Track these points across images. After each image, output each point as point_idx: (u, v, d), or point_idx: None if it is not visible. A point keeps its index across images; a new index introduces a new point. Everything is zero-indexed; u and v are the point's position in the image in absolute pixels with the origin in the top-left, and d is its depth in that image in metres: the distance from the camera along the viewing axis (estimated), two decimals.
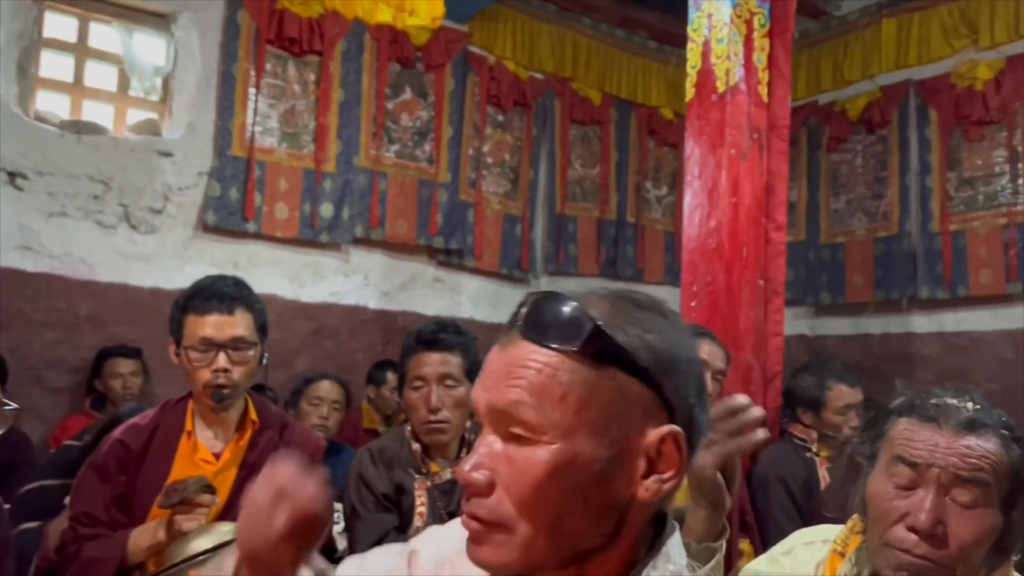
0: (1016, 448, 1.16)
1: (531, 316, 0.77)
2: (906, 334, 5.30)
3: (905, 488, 1.16)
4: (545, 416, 0.74)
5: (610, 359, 0.75)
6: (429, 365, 2.11)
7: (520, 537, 0.75)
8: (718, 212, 3.00)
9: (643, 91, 5.98)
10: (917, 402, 1.21)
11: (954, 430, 1.15)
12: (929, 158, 5.17)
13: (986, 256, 4.86)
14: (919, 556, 1.13)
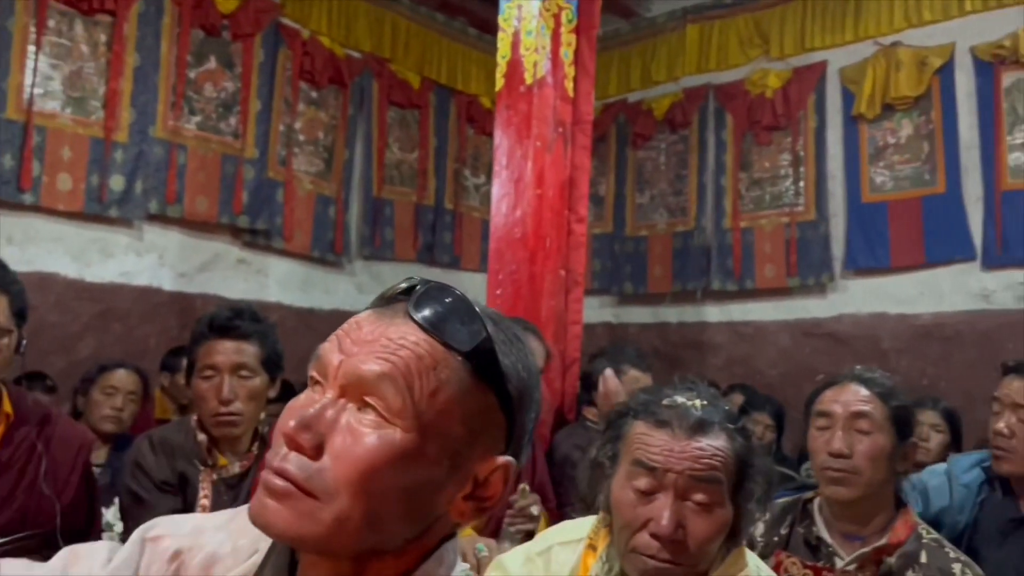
0: (739, 439, 1.24)
1: (426, 301, 0.73)
2: (700, 323, 5.67)
3: (646, 493, 1.21)
4: (410, 402, 0.70)
5: (487, 375, 0.73)
6: (222, 354, 1.98)
7: (332, 513, 0.68)
8: (524, 202, 3.05)
9: (463, 78, 5.99)
10: (651, 404, 1.27)
11: (686, 432, 1.21)
12: (724, 159, 5.54)
13: (771, 252, 5.28)
14: (663, 560, 1.19)
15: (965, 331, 4.59)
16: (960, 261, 4.62)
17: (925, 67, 4.75)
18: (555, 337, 3.06)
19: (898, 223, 4.79)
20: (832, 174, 5.11)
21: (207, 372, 1.98)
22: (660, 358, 5.82)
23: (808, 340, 5.18)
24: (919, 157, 4.78)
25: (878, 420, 1.60)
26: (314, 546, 0.70)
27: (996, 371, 4.41)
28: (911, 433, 1.64)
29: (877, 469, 1.57)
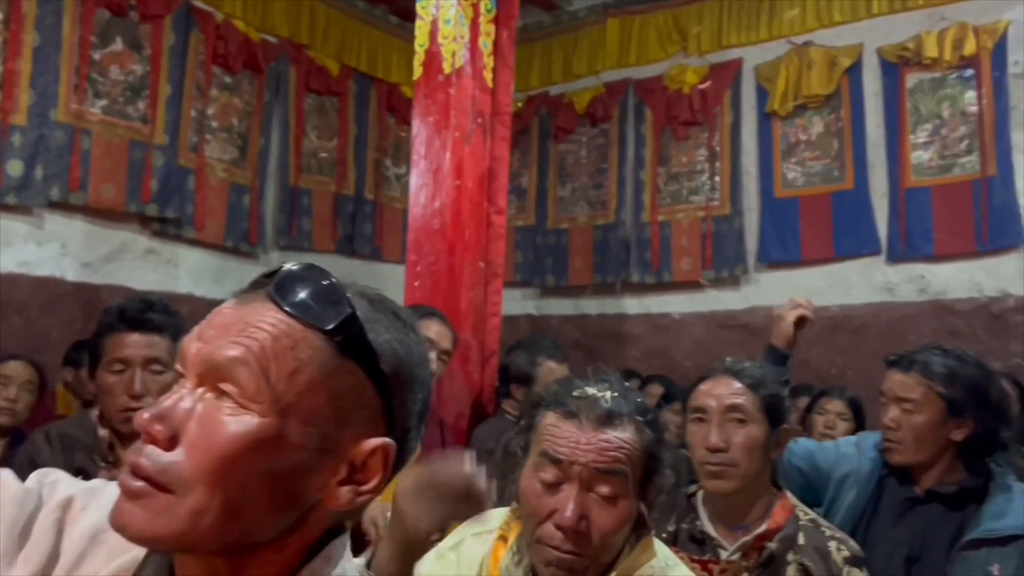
0: (648, 432, 1.25)
1: (287, 281, 0.71)
2: (619, 315, 5.74)
3: (552, 484, 1.21)
4: (265, 385, 0.66)
5: (354, 353, 0.70)
6: (133, 347, 1.88)
7: (188, 506, 0.65)
8: (442, 193, 3.02)
9: (383, 66, 5.90)
10: (562, 395, 1.27)
11: (593, 424, 1.21)
12: (643, 153, 5.61)
13: (687, 245, 5.38)
14: (566, 552, 1.19)
15: (871, 322, 4.78)
16: (866, 255, 4.79)
17: (835, 67, 4.91)
18: (474, 329, 3.04)
19: (809, 218, 4.95)
20: (747, 170, 5.24)
21: (116, 366, 1.89)
22: (580, 350, 5.87)
23: (722, 332, 5.30)
24: (829, 154, 4.94)
25: (751, 411, 1.63)
26: (172, 544, 0.67)
27: None
28: (782, 420, 1.69)
29: (753, 459, 1.61)
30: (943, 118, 4.60)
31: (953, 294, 4.53)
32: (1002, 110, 4.45)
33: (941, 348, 1.92)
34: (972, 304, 4.48)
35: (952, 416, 1.82)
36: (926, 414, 1.82)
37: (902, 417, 1.84)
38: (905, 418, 1.84)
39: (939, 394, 1.82)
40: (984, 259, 4.46)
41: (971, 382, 1.84)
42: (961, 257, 4.50)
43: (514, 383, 2.87)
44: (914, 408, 1.83)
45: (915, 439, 1.82)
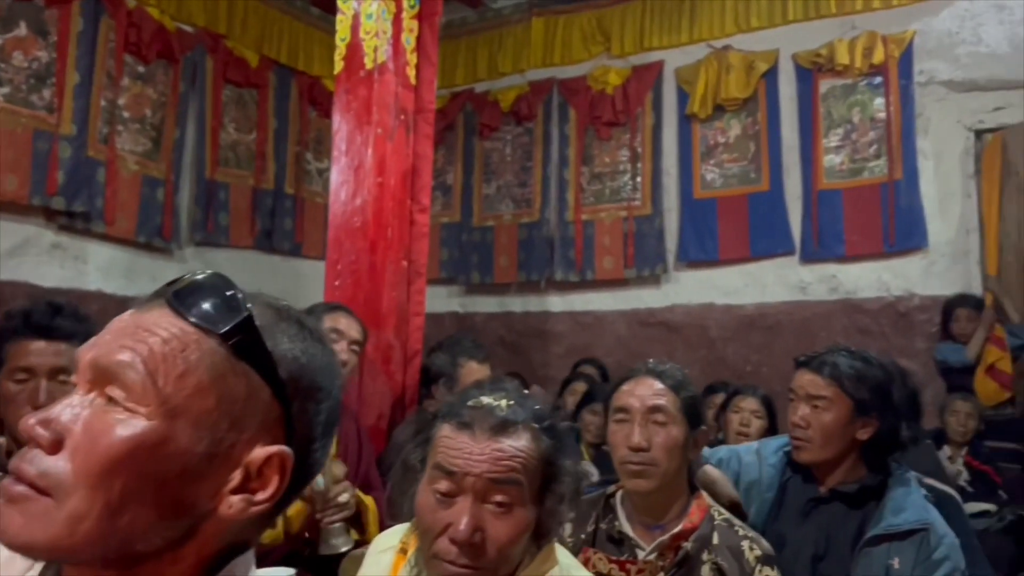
0: (546, 439, 1.24)
1: (186, 288, 0.71)
2: (543, 312, 5.77)
3: (446, 497, 1.19)
4: (153, 388, 0.66)
5: (249, 357, 0.69)
6: (39, 355, 1.77)
7: (67, 511, 0.63)
8: (364, 191, 2.97)
9: (305, 58, 5.78)
10: (457, 406, 1.25)
11: (487, 434, 1.19)
12: (567, 152, 5.65)
13: (609, 244, 5.45)
14: (462, 566, 1.17)
15: (785, 320, 4.92)
16: (781, 255, 4.94)
17: (752, 71, 5.04)
18: (396, 329, 3.01)
19: (726, 219, 5.07)
20: (667, 170, 5.33)
21: (19, 375, 1.79)
22: (505, 347, 5.89)
23: (643, 329, 5.39)
24: (746, 156, 5.07)
25: (672, 412, 1.66)
26: (49, 552, 0.65)
27: None
28: (701, 421, 1.73)
29: (673, 459, 1.64)
30: (854, 123, 4.78)
31: (862, 293, 4.71)
32: (908, 117, 4.65)
33: (848, 350, 1.98)
34: (880, 303, 4.67)
35: (859, 415, 1.88)
36: (835, 413, 1.87)
37: (812, 415, 1.88)
38: (815, 416, 1.88)
39: (848, 394, 1.87)
40: (891, 260, 4.65)
41: (877, 383, 1.90)
42: (870, 258, 4.69)
43: (435, 384, 2.85)
44: (824, 407, 1.88)
45: (823, 437, 1.87)
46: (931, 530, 1.78)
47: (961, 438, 4.01)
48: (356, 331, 2.52)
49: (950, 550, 1.79)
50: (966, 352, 4.27)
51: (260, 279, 5.56)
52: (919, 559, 1.76)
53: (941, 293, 4.52)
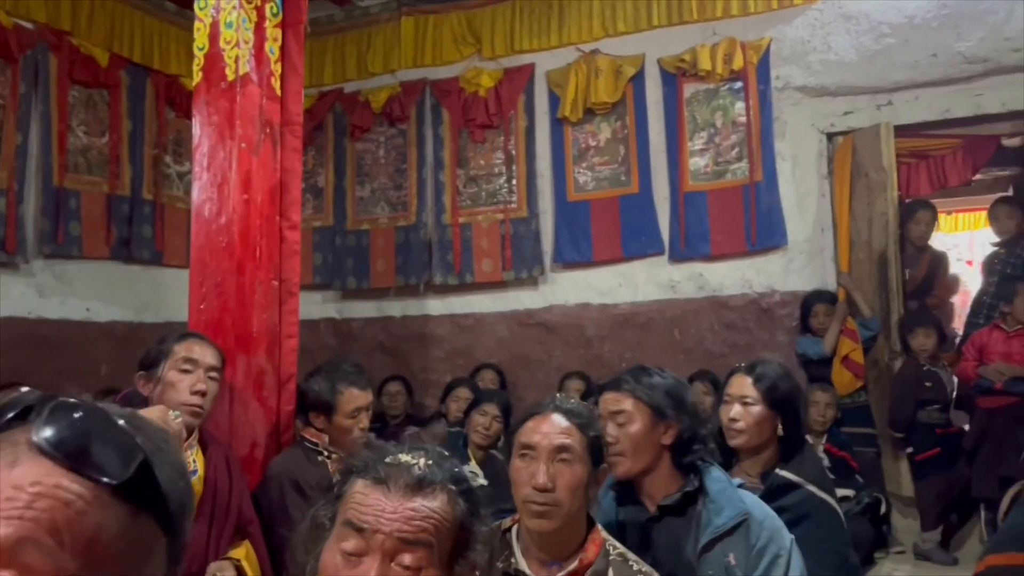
0: (462, 503, 1.21)
1: (57, 425, 0.60)
2: (423, 316, 5.71)
3: (353, 556, 1.14)
4: (61, 562, 0.57)
5: (144, 499, 0.62)
6: None
7: None
8: (228, 208, 2.82)
9: (160, 56, 5.46)
10: (373, 462, 1.21)
11: (402, 492, 1.16)
12: (442, 155, 5.60)
13: (487, 247, 5.45)
14: None
15: (656, 318, 5.07)
16: (651, 255, 5.08)
17: (620, 75, 5.14)
18: (268, 353, 2.88)
19: (599, 220, 5.16)
20: (541, 173, 5.38)
21: None
22: (385, 352, 5.80)
23: (523, 330, 5.43)
24: (616, 159, 5.18)
25: (578, 451, 1.66)
26: None
27: (683, 353, 4.91)
28: (602, 459, 1.74)
29: (576, 499, 1.64)
30: (717, 127, 4.96)
31: (728, 291, 4.91)
32: (767, 121, 4.86)
33: (642, 367, 2.12)
34: (744, 299, 4.88)
35: (659, 420, 1.99)
36: (638, 423, 1.98)
37: (619, 431, 1.97)
38: (621, 432, 1.97)
39: (645, 402, 1.99)
40: (753, 258, 4.87)
41: (668, 388, 2.03)
42: (734, 257, 4.89)
43: (313, 411, 2.75)
44: (626, 419, 1.98)
45: (633, 448, 1.96)
46: (750, 519, 1.90)
47: (820, 427, 4.26)
48: (212, 357, 2.40)
49: (772, 534, 1.91)
50: (823, 345, 4.53)
51: (118, 291, 5.24)
52: (747, 550, 1.87)
53: (800, 289, 4.78)
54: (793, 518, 2.32)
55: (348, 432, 2.76)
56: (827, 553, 2.33)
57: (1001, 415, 4.12)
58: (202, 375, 2.34)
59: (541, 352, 5.36)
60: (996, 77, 4.50)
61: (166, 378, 2.31)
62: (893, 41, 4.62)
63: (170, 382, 2.30)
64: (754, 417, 2.40)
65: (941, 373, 4.35)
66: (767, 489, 2.36)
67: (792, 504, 2.34)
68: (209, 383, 2.35)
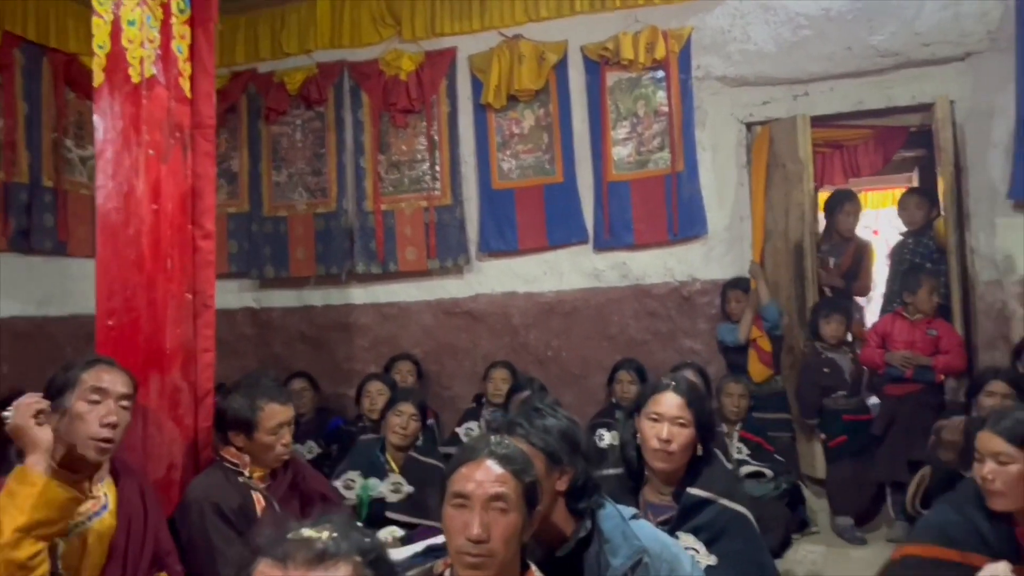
0: (370, 571, 1.19)
1: None
2: (346, 305, 5.60)
3: None
4: None
5: None
6: None
7: None
8: (136, 219, 2.67)
9: (57, 34, 5.12)
10: (275, 541, 1.19)
11: (303, 565, 1.14)
12: (362, 139, 5.45)
13: (411, 235, 5.36)
14: None
15: (581, 306, 5.10)
16: (576, 244, 5.09)
17: (544, 62, 5.08)
18: (184, 369, 2.76)
19: (524, 209, 5.13)
20: (465, 160, 5.30)
21: None
22: (306, 342, 5.68)
23: (449, 318, 5.39)
24: (540, 147, 5.14)
25: (513, 499, 1.64)
26: None
27: (607, 341, 4.97)
28: (538, 503, 1.72)
29: (511, 547, 1.62)
30: (639, 116, 4.97)
31: (650, 279, 4.97)
32: (688, 110, 4.89)
33: (535, 408, 2.08)
34: (666, 288, 4.95)
35: (554, 466, 1.96)
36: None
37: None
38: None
39: (540, 448, 1.96)
40: (675, 247, 4.93)
41: (562, 432, 2.01)
42: (656, 246, 4.94)
43: (232, 430, 2.66)
44: None
45: None
46: (647, 555, 1.91)
47: (735, 417, 4.38)
48: (123, 385, 2.26)
49: (672, 565, 1.94)
50: (738, 332, 4.64)
51: (18, 285, 4.96)
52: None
53: (720, 277, 4.87)
54: (710, 536, 2.37)
55: (270, 449, 2.68)
56: (746, 563, 2.39)
57: (908, 402, 4.30)
58: (112, 405, 2.21)
59: (467, 341, 5.33)
60: (907, 70, 4.62)
61: (73, 410, 2.17)
62: (810, 33, 4.69)
63: (78, 414, 2.17)
64: (686, 439, 2.39)
65: (839, 359, 4.44)
66: (681, 509, 2.39)
67: (707, 522, 2.37)
68: (120, 413, 2.23)
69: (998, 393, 3.50)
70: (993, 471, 2.07)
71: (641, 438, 2.46)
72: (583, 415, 4.86)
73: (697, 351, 4.89)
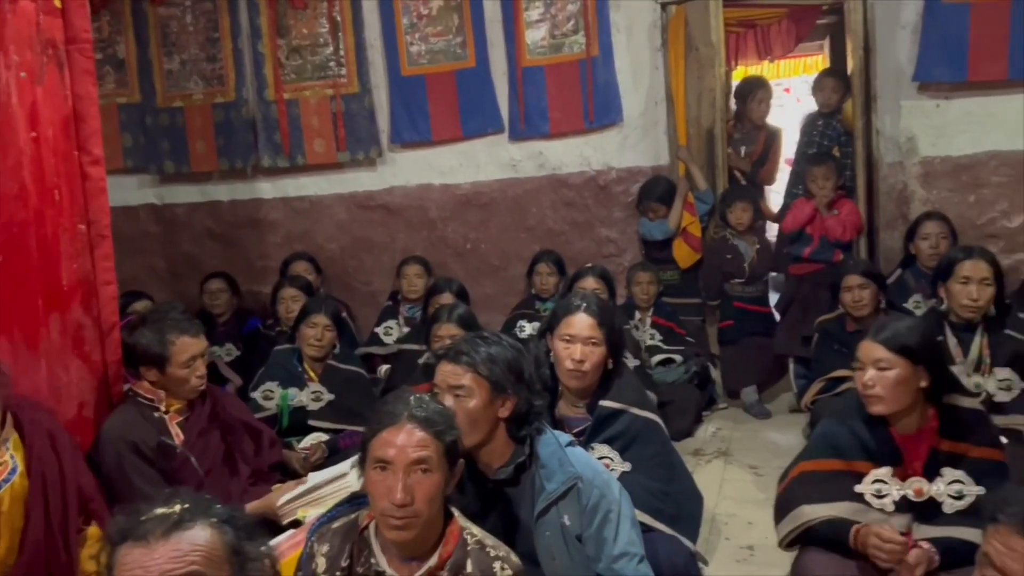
0: (228, 529, 1.29)
1: None
2: (254, 200, 5.41)
3: None
4: None
5: None
6: None
7: None
8: (15, 151, 2.46)
9: None
10: (132, 525, 1.26)
11: (162, 536, 1.23)
12: (259, 22, 5.09)
13: (318, 126, 5.12)
14: None
15: (499, 198, 5.05)
16: (491, 134, 4.97)
17: None
18: (85, 304, 2.64)
19: (436, 97, 4.95)
20: (371, 44, 5.02)
21: None
22: (215, 239, 5.50)
23: (363, 212, 5.27)
24: (451, 30, 4.89)
25: (435, 460, 1.66)
26: None
27: (525, 232, 4.97)
28: (459, 457, 1.75)
29: (435, 504, 1.66)
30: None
31: (567, 169, 4.93)
32: None
33: (481, 336, 2.12)
34: (583, 177, 4.92)
35: (497, 395, 2.02)
36: (477, 398, 2.00)
37: (456, 404, 1.97)
38: (459, 405, 1.98)
39: (484, 377, 2.01)
40: (590, 135, 4.87)
41: (508, 362, 2.05)
42: (572, 135, 4.87)
43: (144, 365, 2.59)
44: (466, 394, 2.00)
45: (470, 422, 1.97)
46: (580, 481, 2.01)
47: (645, 304, 4.53)
48: None
49: (602, 491, 2.03)
50: (668, 224, 4.68)
51: None
52: (580, 510, 2.00)
53: (635, 164, 4.86)
54: (624, 444, 2.51)
55: (185, 382, 2.64)
56: (658, 467, 2.54)
57: (808, 280, 4.50)
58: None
59: (384, 235, 5.25)
60: None
61: None
62: None
63: None
64: (599, 357, 2.49)
65: (742, 247, 4.56)
66: (595, 421, 2.50)
67: (620, 431, 2.50)
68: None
69: (854, 287, 3.69)
70: (873, 377, 2.19)
71: (555, 358, 2.54)
72: (503, 306, 4.94)
73: (614, 239, 4.95)
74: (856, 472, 2.22)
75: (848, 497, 2.20)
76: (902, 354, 2.19)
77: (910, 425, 2.23)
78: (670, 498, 2.51)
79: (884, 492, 2.17)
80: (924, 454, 2.22)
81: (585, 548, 2.02)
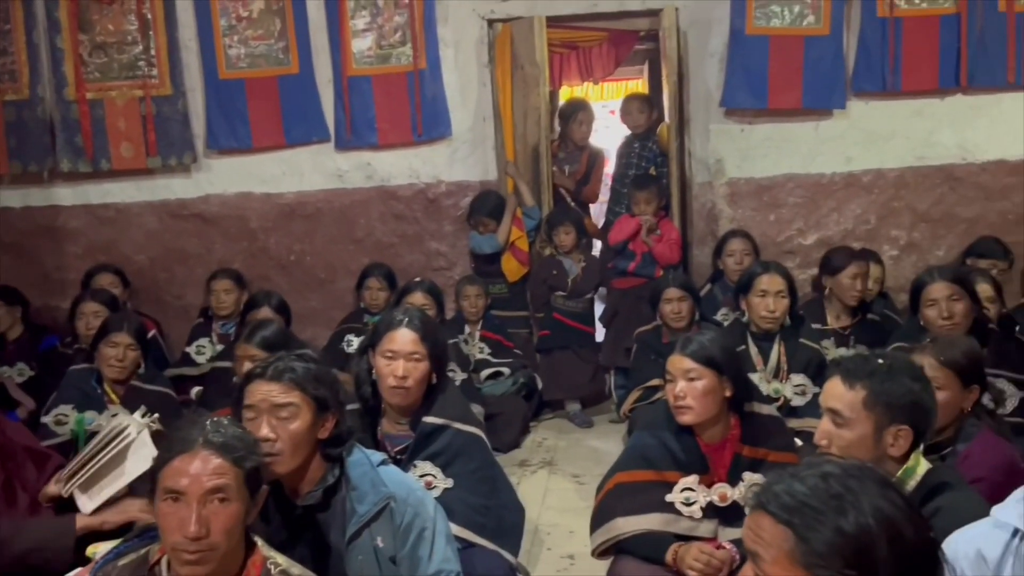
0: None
1: None
2: (51, 207, 4.98)
3: None
4: None
5: None
6: None
7: None
8: None
9: None
10: None
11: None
12: (57, 15, 4.70)
13: (126, 128, 4.78)
14: None
15: (325, 208, 4.91)
16: (317, 143, 4.84)
17: None
18: None
19: (257, 102, 4.75)
20: (186, 44, 4.75)
21: None
22: (6, 250, 5.02)
23: (176, 222, 4.97)
24: (272, 34, 4.72)
25: (234, 488, 1.55)
26: None
27: (353, 244, 4.88)
28: (261, 484, 1.64)
29: (233, 536, 1.55)
30: (379, 6, 4.70)
31: (396, 181, 4.87)
32: (429, 3, 4.70)
33: (298, 355, 2.01)
34: (412, 190, 4.88)
35: (322, 414, 1.93)
36: (301, 419, 1.89)
37: (279, 426, 1.87)
38: (281, 427, 1.87)
39: (311, 395, 1.91)
40: (419, 148, 4.84)
41: (330, 381, 1.98)
42: (401, 146, 4.82)
43: None
44: (290, 415, 1.89)
45: (293, 446, 1.87)
46: (393, 501, 1.95)
47: (474, 317, 4.57)
48: None
49: (416, 509, 1.99)
50: (497, 238, 4.71)
51: None
52: (393, 531, 1.95)
53: (464, 179, 4.89)
54: (446, 460, 2.47)
55: None
56: (480, 482, 2.52)
57: (630, 295, 4.68)
58: None
59: (199, 246, 4.96)
60: None
61: None
62: None
63: None
64: (422, 373, 2.42)
65: (566, 263, 4.68)
66: (417, 437, 2.44)
67: (442, 447, 2.45)
68: None
69: (674, 299, 3.91)
70: (684, 388, 2.29)
71: (377, 375, 2.46)
72: (329, 320, 4.81)
73: (443, 253, 4.94)
74: (667, 482, 2.31)
75: (660, 508, 2.28)
76: (708, 365, 2.30)
77: (716, 434, 2.35)
78: (492, 512, 2.50)
79: (692, 500, 2.27)
80: (728, 461, 2.34)
81: (399, 569, 1.96)
